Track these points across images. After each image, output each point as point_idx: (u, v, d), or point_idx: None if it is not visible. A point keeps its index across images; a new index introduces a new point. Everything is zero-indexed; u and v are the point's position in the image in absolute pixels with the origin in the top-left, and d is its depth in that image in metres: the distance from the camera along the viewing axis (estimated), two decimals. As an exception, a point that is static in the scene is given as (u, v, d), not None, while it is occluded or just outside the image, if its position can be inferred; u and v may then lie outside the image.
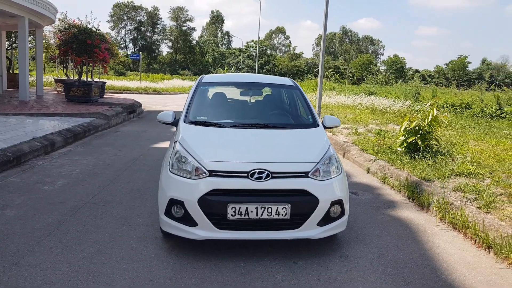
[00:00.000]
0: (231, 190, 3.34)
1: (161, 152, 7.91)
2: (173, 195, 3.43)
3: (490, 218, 4.18)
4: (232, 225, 3.36)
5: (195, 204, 3.32)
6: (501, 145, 8.45)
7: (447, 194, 4.94)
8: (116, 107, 13.20)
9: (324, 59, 12.98)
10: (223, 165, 3.44)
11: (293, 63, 66.95)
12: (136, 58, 35.43)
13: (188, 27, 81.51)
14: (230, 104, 5.09)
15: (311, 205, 3.41)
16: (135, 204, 4.85)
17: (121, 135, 10.13)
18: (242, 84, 5.28)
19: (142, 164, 6.94)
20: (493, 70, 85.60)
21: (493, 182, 5.38)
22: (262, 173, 3.37)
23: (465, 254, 3.80)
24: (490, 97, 18.66)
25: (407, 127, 6.89)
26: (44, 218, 4.29)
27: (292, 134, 4.17)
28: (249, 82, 5.30)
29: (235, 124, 4.23)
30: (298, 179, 3.43)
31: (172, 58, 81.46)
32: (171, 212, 3.49)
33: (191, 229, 3.40)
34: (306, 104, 4.74)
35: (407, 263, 3.57)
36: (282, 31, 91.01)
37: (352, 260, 3.58)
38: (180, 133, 3.95)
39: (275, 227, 3.41)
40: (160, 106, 19.01)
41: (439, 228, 4.43)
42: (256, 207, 3.30)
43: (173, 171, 3.54)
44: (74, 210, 4.58)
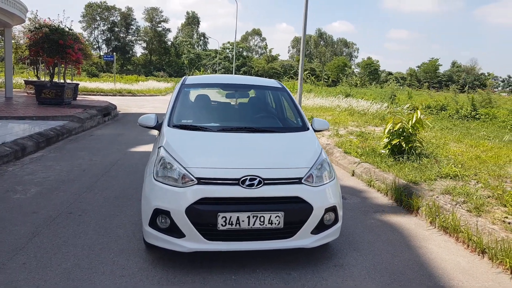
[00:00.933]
0: (221, 198, 3.15)
1: (139, 157, 7.62)
2: (158, 204, 3.21)
3: (481, 221, 4.13)
4: (222, 236, 3.17)
5: (182, 214, 3.11)
6: (480, 146, 8.55)
7: (436, 197, 4.89)
8: (90, 110, 12.75)
9: (303, 61, 12.92)
10: (212, 172, 3.24)
11: (269, 65, 67.08)
12: (110, 59, 34.61)
13: (163, 28, 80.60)
14: (215, 106, 4.88)
15: (305, 213, 3.25)
16: (115, 213, 4.58)
17: (96, 138, 9.75)
18: (228, 86, 5.07)
19: (120, 169, 6.64)
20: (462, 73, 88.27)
21: (479, 184, 5.36)
22: (254, 180, 3.19)
23: (459, 259, 3.73)
24: (463, 98, 19.10)
25: (391, 129, 6.85)
26: (16, 230, 3.97)
27: (282, 138, 4.00)
28: (236, 83, 5.10)
29: (222, 128, 4.03)
30: (291, 186, 3.27)
31: (146, 59, 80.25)
32: (156, 223, 3.26)
33: (178, 241, 3.18)
34: (295, 107, 4.58)
35: (403, 270, 3.46)
36: (258, 33, 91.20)
37: (346, 269, 3.44)
38: (164, 138, 3.72)
39: (267, 237, 3.23)
40: (135, 108, 18.55)
41: (430, 233, 4.36)
42: (248, 216, 3.12)
43: (158, 178, 3.31)
44: (48, 220, 4.27)
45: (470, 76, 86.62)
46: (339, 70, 61.91)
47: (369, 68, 65.29)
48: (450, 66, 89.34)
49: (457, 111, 15.61)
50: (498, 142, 9.38)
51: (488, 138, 10.12)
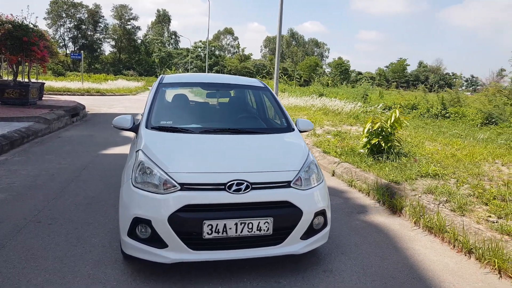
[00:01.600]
0: (206, 205, 2.96)
1: (112, 159, 7.29)
2: (138, 213, 2.98)
3: (466, 221, 4.11)
4: (208, 245, 2.98)
5: (164, 222, 2.90)
6: (454, 145, 8.68)
7: (419, 197, 4.86)
8: (57, 110, 12.19)
9: (279, 61, 12.82)
10: (196, 177, 3.04)
11: (242, 64, 66.82)
12: (77, 58, 33.50)
13: (132, 26, 78.84)
14: (195, 107, 4.66)
15: (294, 218, 3.11)
16: (88, 221, 4.29)
17: (64, 140, 9.29)
18: (209, 85, 4.86)
19: (92, 173, 6.31)
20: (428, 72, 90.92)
21: (459, 183, 5.38)
22: (241, 185, 3.01)
23: (447, 260, 3.68)
24: (432, 97, 19.53)
25: (370, 129, 6.82)
26: (-22, 243, 3.64)
27: (268, 139, 3.83)
28: (217, 83, 4.89)
29: (205, 130, 3.82)
30: (280, 190, 3.12)
31: (115, 58, 78.35)
32: (136, 233, 3.04)
33: (160, 252, 2.97)
34: (279, 107, 4.42)
35: (393, 274, 3.37)
36: (231, 32, 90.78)
37: (336, 274, 3.32)
38: (143, 141, 3.49)
39: (255, 244, 3.07)
40: (105, 108, 17.96)
41: (415, 233, 4.31)
42: (236, 223, 2.95)
43: (137, 185, 3.08)
44: (15, 230, 3.95)
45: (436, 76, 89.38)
46: (311, 69, 62.43)
47: (340, 68, 66.13)
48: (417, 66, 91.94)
49: (428, 110, 15.93)
50: (471, 140, 9.57)
51: (460, 136, 10.32)
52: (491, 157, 7.33)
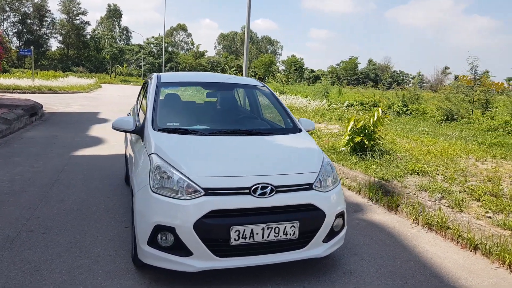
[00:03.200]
0: (233, 210, 2.86)
1: (87, 162, 6.92)
2: (160, 220, 2.83)
3: (466, 217, 4.27)
4: (234, 251, 2.88)
5: (190, 230, 2.76)
6: (425, 141, 9.05)
7: (413, 195, 5.00)
8: (16, 110, 11.41)
9: (248, 58, 12.77)
10: (220, 181, 2.92)
11: (197, 61, 65.97)
12: (27, 54, 31.58)
13: (81, 20, 75.20)
14: (198, 107, 4.49)
15: (318, 221, 3.08)
16: (84, 228, 4.04)
17: (28, 142, 8.70)
18: (210, 85, 4.70)
19: (71, 177, 5.94)
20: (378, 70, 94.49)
21: (447, 179, 5.60)
22: (266, 188, 2.94)
23: (455, 257, 3.80)
24: (391, 95, 20.27)
25: (353, 127, 6.94)
26: (-31, 258, 3.31)
27: (280, 141, 3.76)
28: (218, 82, 4.74)
29: (215, 131, 3.70)
30: (303, 192, 3.07)
31: (63, 54, 74.56)
32: (157, 241, 2.88)
33: (184, 260, 2.84)
34: (281, 107, 4.36)
35: (410, 272, 3.44)
36: (184, 29, 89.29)
37: (357, 276, 3.33)
38: (153, 143, 3.31)
39: (281, 249, 3.01)
40: (62, 107, 17.05)
41: (416, 230, 4.42)
42: (263, 228, 2.87)
43: (156, 190, 2.92)
44: (7, 242, 3.64)
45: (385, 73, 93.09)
46: (266, 67, 62.78)
47: (294, 66, 67.06)
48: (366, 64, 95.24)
49: (389, 107, 16.49)
50: (439, 137, 10.02)
51: (427, 133, 10.78)
52: (464, 153, 7.70)
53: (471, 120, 13.66)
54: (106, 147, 8.36)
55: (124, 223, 4.22)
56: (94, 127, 11.28)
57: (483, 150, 8.15)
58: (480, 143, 9.14)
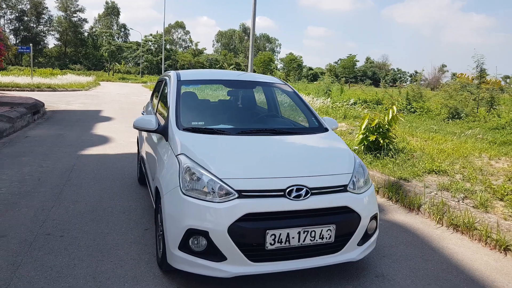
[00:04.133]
0: (268, 213, 2.74)
1: (96, 161, 6.79)
2: (192, 224, 2.71)
3: (493, 217, 4.18)
4: (269, 256, 2.77)
5: (224, 234, 2.65)
6: (435, 140, 8.95)
7: (435, 194, 4.90)
8: (18, 108, 11.25)
9: (253, 56, 12.64)
10: (254, 183, 2.81)
11: (196, 59, 65.70)
12: (26, 51, 31.34)
13: (78, 18, 74.89)
14: (220, 106, 4.36)
15: (353, 224, 2.97)
16: (103, 231, 3.92)
17: (34, 141, 8.56)
18: (231, 83, 4.57)
19: (82, 176, 5.81)
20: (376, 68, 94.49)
21: (468, 179, 5.50)
22: (301, 190, 2.82)
23: (485, 258, 3.70)
24: (394, 93, 20.18)
25: (367, 126, 6.83)
26: (-12, 263, 3.18)
27: (308, 140, 3.63)
28: (239, 80, 4.60)
29: (241, 131, 3.58)
30: (338, 194, 2.96)
31: (60, 51, 74.17)
32: (189, 246, 2.77)
33: (218, 265, 2.72)
34: (304, 105, 4.24)
35: (443, 275, 3.34)
36: (182, 26, 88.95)
37: (390, 279, 3.22)
38: (181, 144, 3.18)
39: (316, 253, 2.90)
40: (63, 105, 16.88)
41: (441, 231, 4.32)
42: (299, 231, 2.76)
43: (187, 192, 2.80)
44: (25, 245, 3.51)
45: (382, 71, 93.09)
46: (265, 65, 62.58)
47: (293, 64, 66.88)
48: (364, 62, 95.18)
49: (393, 105, 16.36)
50: (448, 135, 9.93)
51: (435, 131, 10.68)
52: (477, 151, 7.61)
53: (476, 118, 13.58)
54: (113, 146, 8.22)
55: (143, 225, 4.11)
56: (98, 126, 11.14)
57: (495, 149, 8.06)
58: (490, 142, 9.05)
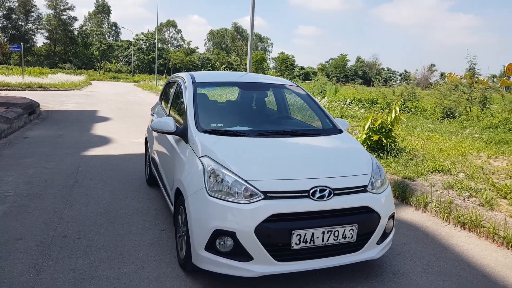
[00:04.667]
0: (294, 214, 2.81)
1: (101, 162, 6.78)
2: (219, 225, 2.76)
3: (499, 215, 4.29)
4: (294, 255, 2.83)
5: (251, 234, 2.71)
6: (433, 139, 9.09)
7: (441, 193, 5.00)
8: (14, 108, 11.15)
9: (251, 55, 12.68)
10: (279, 184, 2.87)
11: (188, 58, 65.47)
12: (17, 50, 30.98)
13: (68, 16, 74.04)
14: (233, 107, 4.38)
15: (374, 223, 3.05)
16: (119, 232, 3.94)
17: (34, 142, 8.50)
18: (247, 85, 4.60)
19: (89, 178, 5.81)
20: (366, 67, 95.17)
21: (472, 178, 5.61)
22: (324, 191, 2.89)
23: (494, 255, 3.80)
24: (387, 92, 20.36)
25: (370, 126, 6.93)
26: (8, 266, 3.19)
27: (326, 141, 3.70)
28: (254, 82, 4.64)
29: (260, 132, 3.63)
30: (359, 195, 3.04)
31: (50, 50, 73.32)
32: (215, 246, 2.82)
33: (244, 265, 2.78)
34: (318, 107, 4.31)
35: (457, 272, 3.43)
36: (173, 25, 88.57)
37: (407, 277, 3.30)
38: (203, 146, 3.22)
39: (338, 252, 2.97)
40: (57, 105, 16.75)
41: (449, 229, 4.42)
42: (323, 231, 2.83)
43: (213, 194, 2.85)
44: (43, 248, 3.52)
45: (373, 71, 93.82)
46: (258, 64, 62.61)
47: (285, 63, 66.98)
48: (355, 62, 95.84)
49: (388, 104, 16.57)
50: (445, 134, 10.09)
51: (431, 130, 10.84)
52: (475, 150, 7.76)
53: (469, 117, 13.80)
54: (116, 147, 8.21)
55: (158, 226, 4.14)
56: (97, 126, 11.10)
57: (491, 148, 8.22)
58: (486, 141, 9.22)
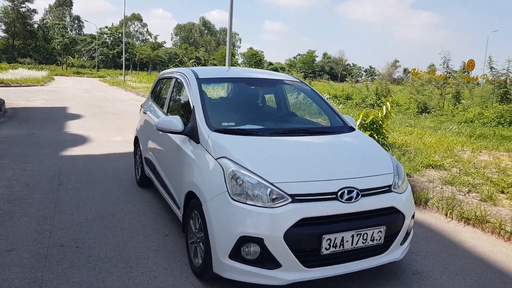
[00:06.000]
0: (322, 217, 2.66)
1: (84, 162, 6.42)
2: (245, 231, 2.58)
3: (504, 210, 4.33)
4: (323, 261, 2.70)
5: (280, 240, 2.54)
6: (416, 134, 9.21)
7: (440, 189, 5.02)
8: (-20, 105, 10.45)
9: (230, 50, 12.44)
10: (306, 187, 2.71)
11: (155, 52, 64.05)
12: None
13: (27, 8, 70.57)
14: (239, 104, 4.15)
15: (399, 224, 2.96)
16: (120, 239, 3.68)
17: (6, 141, 7.95)
18: (253, 81, 4.38)
19: (74, 180, 5.46)
20: (332, 63, 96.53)
21: (463, 172, 5.68)
22: (352, 192, 2.76)
23: (504, 250, 3.81)
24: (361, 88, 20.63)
25: (362, 122, 6.90)
26: (7, 284, 2.89)
27: (343, 140, 3.54)
28: (261, 78, 4.45)
29: (274, 131, 3.45)
30: (385, 195, 2.92)
31: (7, 44, 69.74)
32: (240, 254, 2.64)
33: (272, 273, 2.62)
34: (325, 103, 4.18)
35: (473, 269, 3.40)
36: (139, 18, 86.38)
37: (428, 276, 3.24)
38: (220, 146, 3.00)
39: (365, 255, 2.86)
40: (23, 102, 15.91)
41: (453, 225, 4.42)
42: (352, 235, 2.70)
43: (236, 198, 2.67)
44: (40, 259, 3.22)
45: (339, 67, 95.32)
46: (227, 59, 62.19)
47: (254, 59, 66.92)
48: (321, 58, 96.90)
49: (363, 100, 16.77)
50: (425, 129, 10.26)
51: (411, 125, 11.01)
52: (459, 145, 7.90)
53: (444, 112, 14.15)
54: (96, 146, 7.81)
55: (160, 230, 3.91)
56: (70, 124, 10.58)
57: (473, 142, 8.41)
58: (467, 135, 9.44)
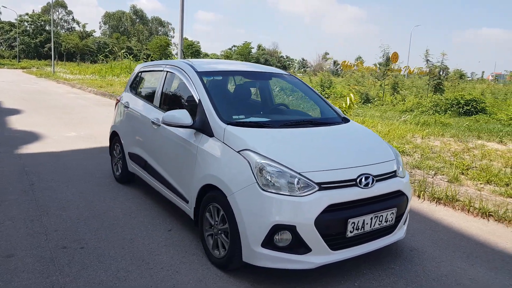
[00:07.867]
0: (346, 203, 2.85)
1: (48, 160, 6.09)
2: (279, 220, 2.70)
3: (470, 190, 4.82)
4: (347, 243, 2.90)
5: (311, 227, 2.70)
6: (368, 122, 9.80)
7: (410, 172, 5.44)
8: None
9: (183, 41, 12.23)
10: (331, 175, 2.87)
11: (83, 42, 60.51)
12: None
13: None
14: (239, 98, 4.17)
15: (405, 205, 3.26)
16: (124, 237, 3.59)
17: None
18: (250, 74, 4.43)
19: (46, 179, 5.15)
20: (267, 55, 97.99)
21: (425, 157, 6.19)
22: (368, 178, 2.99)
23: (476, 225, 4.25)
24: (305, 80, 21.27)
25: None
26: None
27: (346, 130, 3.73)
28: (257, 71, 4.49)
29: (284, 123, 3.57)
30: (392, 180, 3.20)
31: None
32: (273, 242, 2.74)
33: (303, 258, 2.77)
34: (317, 95, 4.36)
35: (458, 243, 3.77)
36: (63, 5, 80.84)
37: (424, 251, 3.55)
38: (237, 139, 3.06)
39: (379, 235, 3.11)
40: None
41: (427, 205, 4.83)
42: (371, 217, 2.94)
43: (266, 188, 2.76)
44: (48, 263, 3.07)
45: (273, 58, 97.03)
46: (162, 49, 60.46)
47: (191, 49, 65.74)
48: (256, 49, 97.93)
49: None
50: (373, 118, 10.92)
51: (359, 115, 11.65)
52: (410, 132, 8.55)
53: (384, 102, 15.11)
54: (51, 143, 7.35)
55: (163, 225, 3.87)
56: (12, 120, 9.82)
57: (419, 129, 9.13)
58: (414, 123, 10.21)
